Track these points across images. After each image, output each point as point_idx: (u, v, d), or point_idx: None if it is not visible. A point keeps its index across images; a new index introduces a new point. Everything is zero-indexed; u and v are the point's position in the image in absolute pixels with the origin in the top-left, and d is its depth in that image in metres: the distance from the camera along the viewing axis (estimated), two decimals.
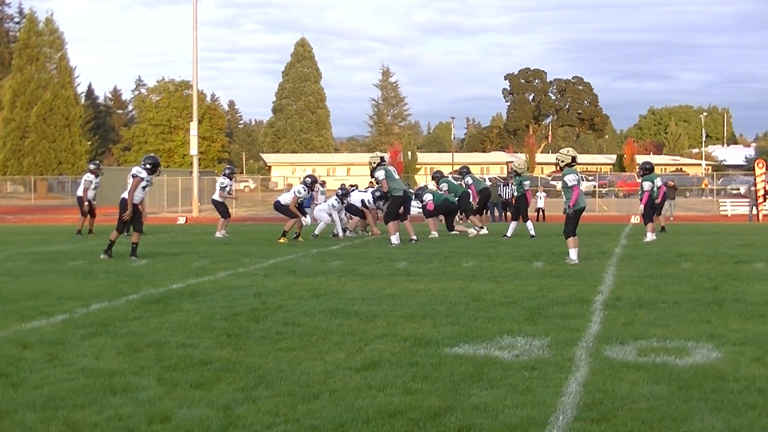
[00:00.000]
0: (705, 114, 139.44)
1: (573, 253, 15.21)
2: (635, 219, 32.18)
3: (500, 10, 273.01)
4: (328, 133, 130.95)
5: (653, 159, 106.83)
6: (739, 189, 62.41)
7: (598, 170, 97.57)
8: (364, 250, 18.37)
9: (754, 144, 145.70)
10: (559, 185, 76.66)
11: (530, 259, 15.92)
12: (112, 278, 13.11)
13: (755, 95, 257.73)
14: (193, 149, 47.69)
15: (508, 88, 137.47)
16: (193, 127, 47.53)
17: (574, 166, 15.74)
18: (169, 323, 8.86)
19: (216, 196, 24.37)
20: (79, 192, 25.22)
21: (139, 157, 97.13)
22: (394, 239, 19.52)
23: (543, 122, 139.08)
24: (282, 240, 20.85)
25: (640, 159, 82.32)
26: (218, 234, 23.69)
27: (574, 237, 15.31)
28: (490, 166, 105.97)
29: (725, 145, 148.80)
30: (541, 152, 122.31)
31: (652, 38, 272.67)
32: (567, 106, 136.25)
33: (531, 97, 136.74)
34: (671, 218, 37.36)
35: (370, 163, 20.65)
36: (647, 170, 22.21)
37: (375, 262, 15.39)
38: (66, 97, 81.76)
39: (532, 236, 21.80)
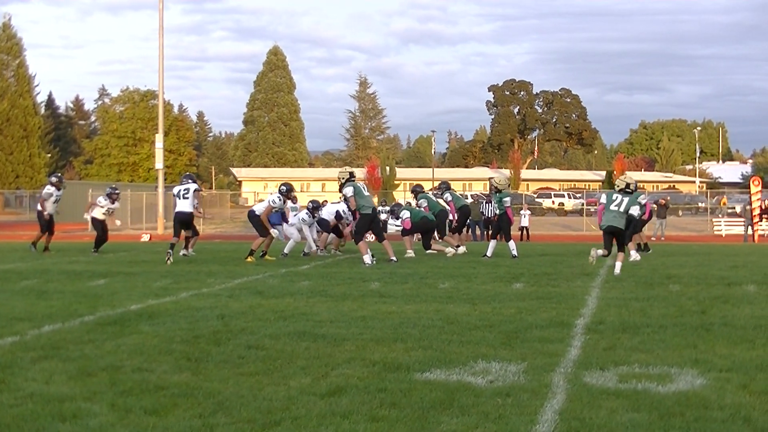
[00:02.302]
0: (699, 128, 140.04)
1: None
2: None
3: (482, 18, 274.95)
4: (302, 147, 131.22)
5: (644, 176, 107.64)
6: (734, 208, 62.79)
7: (587, 187, 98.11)
8: (336, 270, 18.38)
9: (750, 160, 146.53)
10: (545, 203, 77.30)
11: (510, 280, 15.95)
12: (67, 298, 13.03)
13: (752, 109, 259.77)
14: (159, 163, 47.50)
15: (492, 101, 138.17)
16: (159, 139, 47.40)
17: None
18: (126, 346, 8.82)
19: None
20: (40, 206, 24.96)
21: (102, 170, 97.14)
22: (367, 258, 19.53)
23: (529, 136, 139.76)
24: (249, 259, 20.83)
25: (631, 176, 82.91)
26: (183, 252, 23.59)
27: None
28: (473, 182, 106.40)
29: (720, 161, 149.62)
30: (527, 168, 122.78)
31: (644, 49, 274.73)
32: (554, 120, 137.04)
33: (516, 110, 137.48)
34: (662, 238, 37.56)
35: (339, 179, 20.67)
36: (627, 193, 22.25)
37: (346, 283, 15.40)
38: (24, 107, 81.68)
39: (514, 256, 21.85)
